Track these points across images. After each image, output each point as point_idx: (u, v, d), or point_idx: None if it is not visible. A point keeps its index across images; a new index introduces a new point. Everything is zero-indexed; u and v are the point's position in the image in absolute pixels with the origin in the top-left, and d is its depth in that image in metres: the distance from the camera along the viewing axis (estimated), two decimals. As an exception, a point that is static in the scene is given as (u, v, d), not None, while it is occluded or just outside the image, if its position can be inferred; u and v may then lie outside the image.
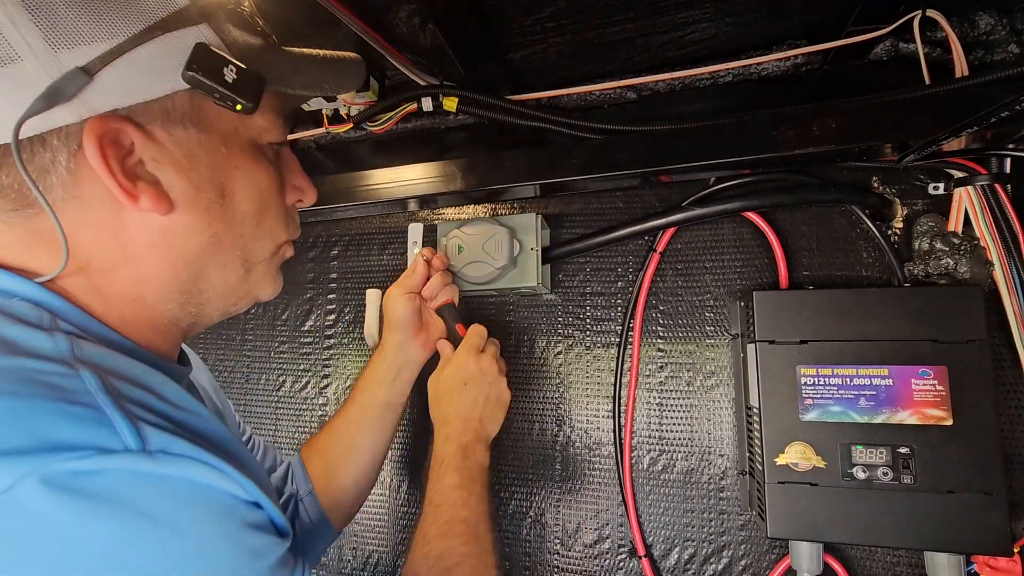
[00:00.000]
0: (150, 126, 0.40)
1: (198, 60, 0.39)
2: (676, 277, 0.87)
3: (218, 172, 0.45)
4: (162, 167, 0.41)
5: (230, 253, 0.47)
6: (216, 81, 0.40)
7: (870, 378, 0.69)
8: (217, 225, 0.45)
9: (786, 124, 0.70)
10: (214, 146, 0.44)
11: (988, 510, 0.64)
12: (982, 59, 0.70)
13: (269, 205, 0.49)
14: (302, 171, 0.55)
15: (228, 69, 0.40)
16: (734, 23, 0.72)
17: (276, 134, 0.49)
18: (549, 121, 0.82)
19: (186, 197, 0.43)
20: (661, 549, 0.83)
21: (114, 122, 0.39)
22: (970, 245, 0.71)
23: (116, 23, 0.38)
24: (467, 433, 0.71)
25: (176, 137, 0.42)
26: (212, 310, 0.50)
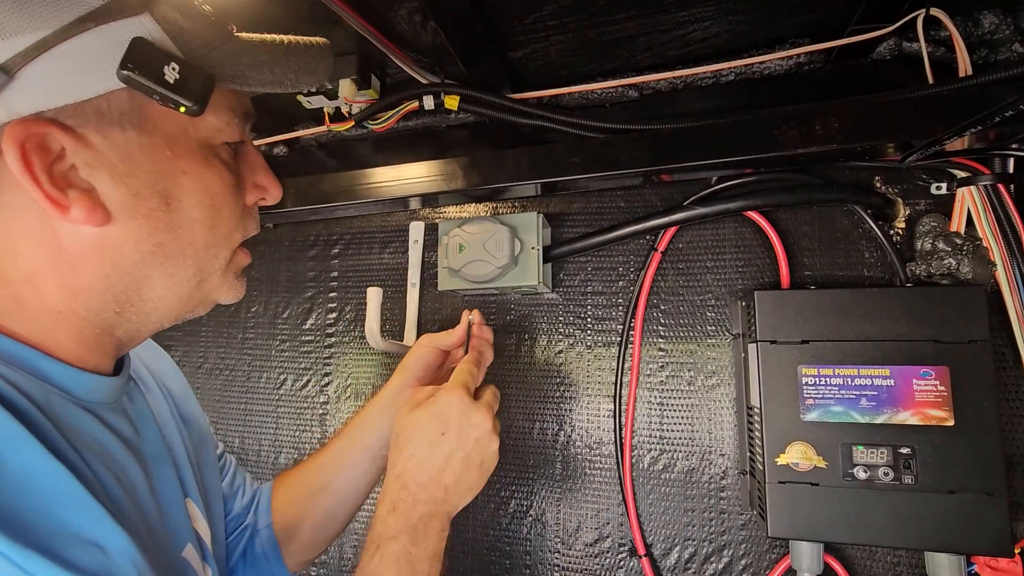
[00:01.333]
0: (82, 129, 0.37)
1: (135, 57, 0.35)
2: (677, 276, 0.87)
3: (162, 177, 0.40)
4: (97, 173, 0.38)
5: (178, 263, 0.43)
6: (155, 81, 0.36)
7: (871, 378, 0.68)
8: (160, 235, 0.41)
9: (788, 123, 0.70)
10: (157, 149, 0.40)
11: (989, 511, 0.64)
12: (986, 58, 0.70)
13: (222, 210, 0.45)
14: (266, 167, 0.51)
15: (170, 67, 0.36)
16: (737, 21, 0.72)
17: (232, 133, 0.45)
18: (550, 120, 0.82)
19: (124, 206, 0.39)
20: (661, 548, 0.83)
21: (39, 126, 0.35)
22: (972, 245, 0.71)
23: (40, 13, 0.33)
24: (423, 503, 0.54)
25: (113, 140, 0.38)
26: (160, 318, 0.46)
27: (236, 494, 0.71)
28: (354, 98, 0.84)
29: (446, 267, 0.85)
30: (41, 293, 0.40)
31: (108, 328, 0.44)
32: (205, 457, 0.63)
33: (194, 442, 0.61)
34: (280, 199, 0.52)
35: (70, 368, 0.42)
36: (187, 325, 1.12)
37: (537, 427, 0.91)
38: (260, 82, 0.44)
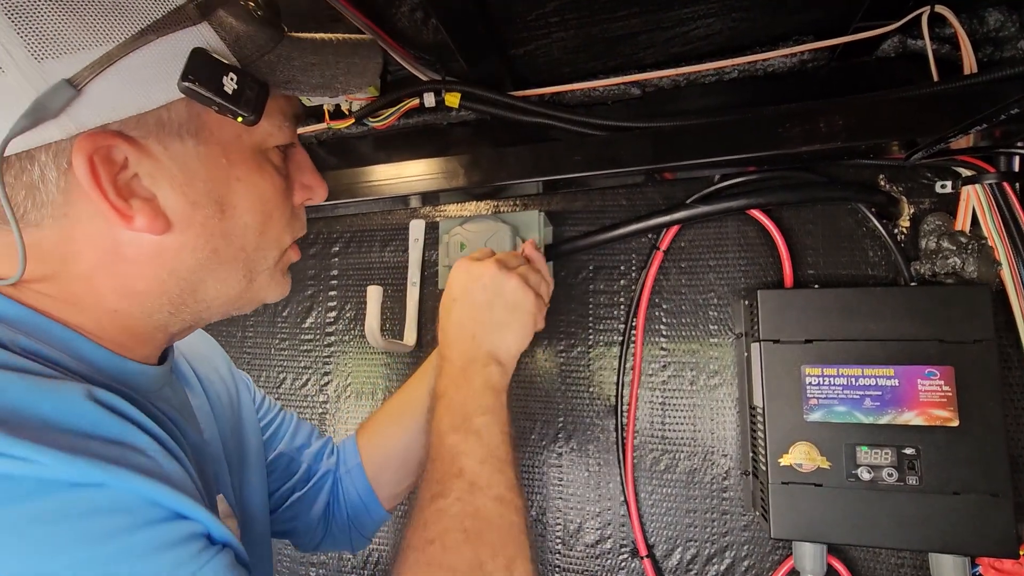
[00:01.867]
0: (144, 140, 0.38)
1: (195, 69, 0.36)
2: (680, 275, 0.86)
3: (217, 185, 0.41)
4: (158, 183, 0.39)
5: (230, 267, 0.44)
6: (215, 92, 0.36)
7: (875, 378, 0.68)
8: (216, 241, 0.42)
9: (792, 121, 0.70)
10: (214, 158, 0.41)
11: (994, 512, 0.63)
12: (991, 56, 0.70)
13: (272, 213, 0.46)
14: (313, 168, 0.52)
15: (228, 78, 0.37)
16: (740, 19, 0.71)
17: (283, 136, 0.46)
18: (552, 117, 0.81)
19: (183, 215, 0.40)
20: (663, 549, 0.83)
21: (105, 139, 0.36)
22: (977, 244, 0.70)
23: (105, 27, 0.35)
24: (457, 358, 0.59)
25: (172, 151, 0.39)
26: (210, 316, 0.48)
27: (301, 449, 0.73)
28: (354, 95, 0.83)
29: (447, 265, 0.84)
30: (97, 294, 0.41)
31: (162, 326, 0.45)
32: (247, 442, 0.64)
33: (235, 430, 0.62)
34: (326, 197, 0.53)
35: (114, 355, 0.43)
36: (186, 324, 1.11)
37: (538, 427, 0.90)
38: (311, 86, 0.45)
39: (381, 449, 0.74)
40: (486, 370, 0.58)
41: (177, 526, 0.34)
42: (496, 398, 0.57)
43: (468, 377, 0.57)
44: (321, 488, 0.72)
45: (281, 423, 0.74)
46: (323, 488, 0.72)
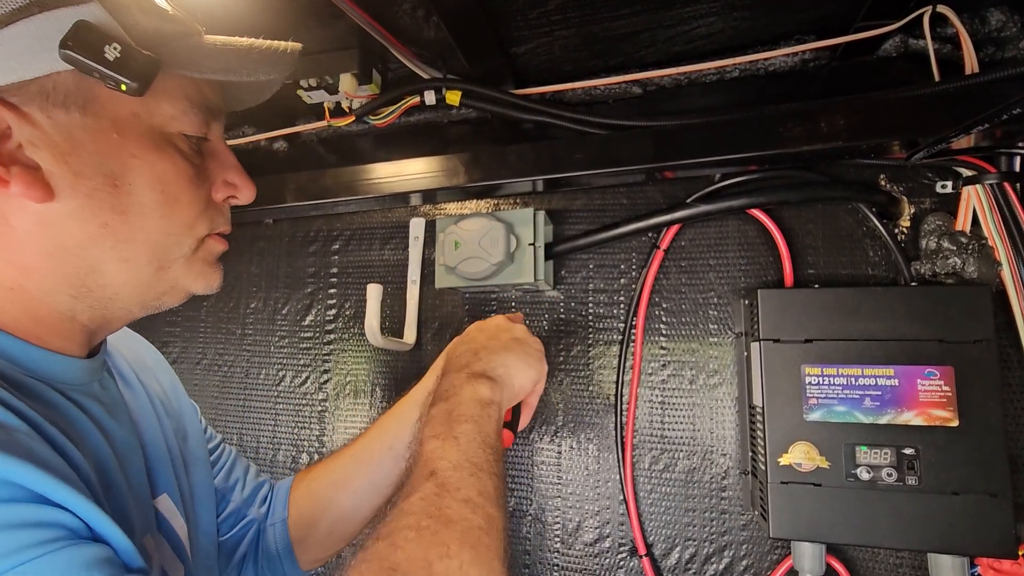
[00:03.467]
0: (26, 107, 0.38)
1: (75, 37, 0.36)
2: (680, 275, 0.86)
3: (108, 159, 0.41)
4: (40, 152, 0.39)
5: (131, 247, 0.44)
6: (95, 59, 0.37)
7: (875, 378, 0.68)
8: (106, 215, 0.42)
9: (793, 120, 0.70)
10: (103, 132, 0.41)
11: (993, 512, 0.63)
12: (992, 56, 0.70)
13: (179, 198, 0.45)
14: (237, 166, 0.51)
15: (111, 47, 0.37)
16: (741, 18, 0.71)
17: (189, 124, 0.46)
18: (553, 116, 0.81)
19: (65, 183, 0.40)
20: (662, 548, 0.83)
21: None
22: (978, 244, 0.70)
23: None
24: (465, 365, 0.60)
25: (56, 120, 0.39)
26: (125, 305, 0.47)
27: (233, 487, 0.70)
28: (355, 93, 0.83)
29: (443, 264, 0.84)
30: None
31: (68, 313, 0.45)
32: (192, 454, 0.62)
33: (179, 438, 0.61)
34: (253, 199, 0.52)
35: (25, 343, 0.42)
36: (186, 320, 1.11)
37: (537, 425, 0.90)
38: (211, 69, 0.44)
39: (313, 517, 0.70)
40: (476, 383, 0.58)
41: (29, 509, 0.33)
42: (482, 409, 0.55)
43: (458, 389, 0.57)
44: (243, 537, 0.69)
45: (219, 456, 0.72)
46: (245, 537, 0.69)
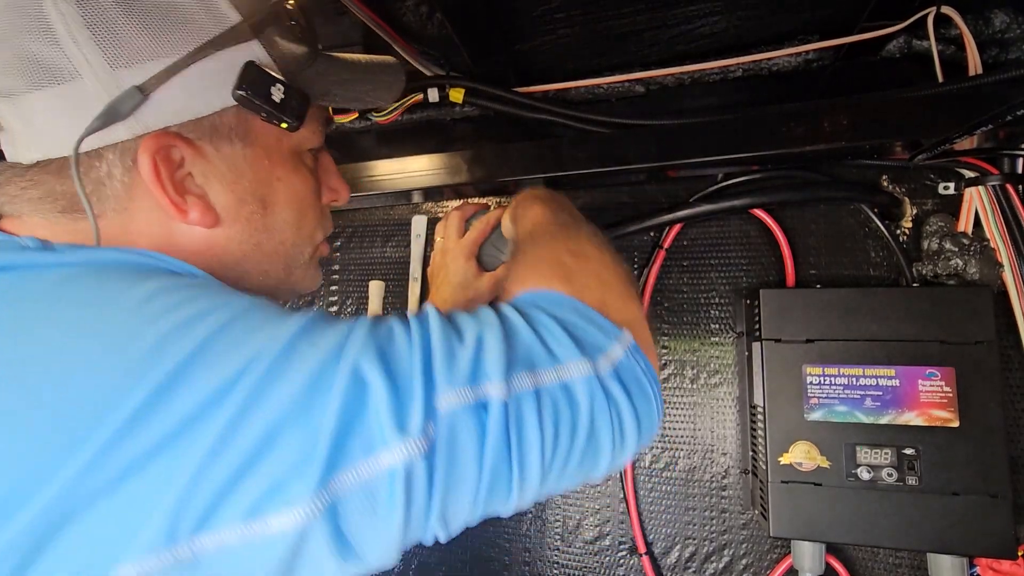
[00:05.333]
0: (200, 142, 0.42)
1: (247, 80, 0.41)
2: (681, 274, 0.86)
3: (261, 184, 0.46)
4: (209, 181, 0.43)
5: (271, 260, 0.48)
6: (264, 101, 0.41)
7: (876, 378, 0.68)
8: (258, 235, 0.46)
9: (796, 120, 0.70)
10: (258, 159, 0.45)
11: (993, 513, 0.64)
12: (996, 57, 0.70)
13: (307, 211, 0.50)
14: (337, 172, 0.57)
15: (276, 88, 0.42)
16: (745, 17, 0.71)
17: (316, 141, 0.51)
18: (556, 114, 0.81)
19: (230, 210, 0.44)
20: (662, 547, 0.83)
21: (166, 139, 0.40)
22: (980, 246, 0.70)
23: (172, 41, 0.39)
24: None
25: (223, 152, 0.43)
26: None
27: None
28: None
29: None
30: None
31: None
32: None
33: None
34: (349, 199, 0.58)
35: None
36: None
37: (538, 423, 0.90)
38: (344, 99, 0.51)
39: None
40: (535, 211, 0.61)
41: None
42: (550, 214, 0.60)
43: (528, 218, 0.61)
44: None
45: None
46: None
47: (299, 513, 0.28)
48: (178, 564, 0.28)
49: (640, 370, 0.40)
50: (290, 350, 0.32)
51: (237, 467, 0.28)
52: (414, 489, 0.31)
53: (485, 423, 0.33)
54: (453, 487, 0.32)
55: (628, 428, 0.38)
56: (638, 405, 0.39)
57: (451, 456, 0.32)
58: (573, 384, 0.36)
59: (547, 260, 0.48)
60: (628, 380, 0.39)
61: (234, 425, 0.29)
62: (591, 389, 0.37)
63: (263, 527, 0.28)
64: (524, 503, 0.36)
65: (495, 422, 0.33)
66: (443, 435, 0.32)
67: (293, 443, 0.30)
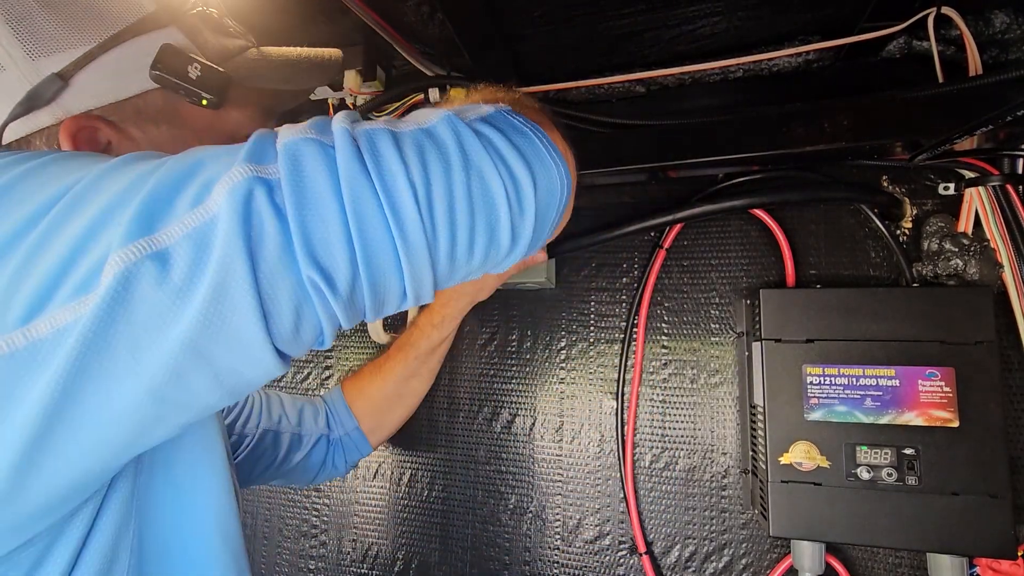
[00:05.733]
0: (124, 124, 0.43)
1: (163, 59, 0.42)
2: (682, 274, 0.86)
3: None
4: None
5: None
6: (180, 78, 0.43)
7: (876, 378, 0.68)
8: None
9: (796, 121, 0.70)
10: (187, 142, 0.46)
11: (993, 513, 0.64)
12: (996, 58, 0.70)
13: None
14: None
15: (192, 67, 0.43)
16: (746, 17, 0.71)
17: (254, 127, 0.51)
18: (556, 114, 0.81)
19: None
20: (662, 546, 0.83)
21: (88, 121, 0.41)
22: (980, 246, 0.70)
23: (88, 30, 0.41)
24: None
25: (149, 134, 0.44)
26: None
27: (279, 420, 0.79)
28: (359, 90, 0.83)
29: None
30: None
31: None
32: None
33: None
34: None
35: None
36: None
37: (539, 423, 0.90)
38: (273, 80, 0.51)
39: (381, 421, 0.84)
40: None
41: None
42: None
43: None
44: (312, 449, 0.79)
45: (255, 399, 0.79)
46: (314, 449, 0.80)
47: (120, 258, 0.27)
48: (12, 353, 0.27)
49: (518, 120, 0.39)
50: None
51: (67, 253, 0.28)
52: (255, 210, 0.29)
53: (331, 152, 0.32)
54: (310, 216, 0.30)
55: (518, 170, 0.36)
56: (519, 144, 0.37)
57: (297, 180, 0.31)
58: (432, 125, 0.36)
59: None
60: (500, 123, 0.38)
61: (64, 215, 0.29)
62: (453, 127, 0.36)
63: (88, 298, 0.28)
64: (426, 258, 0.34)
65: (341, 145, 0.32)
66: (285, 164, 0.31)
67: (120, 219, 0.29)
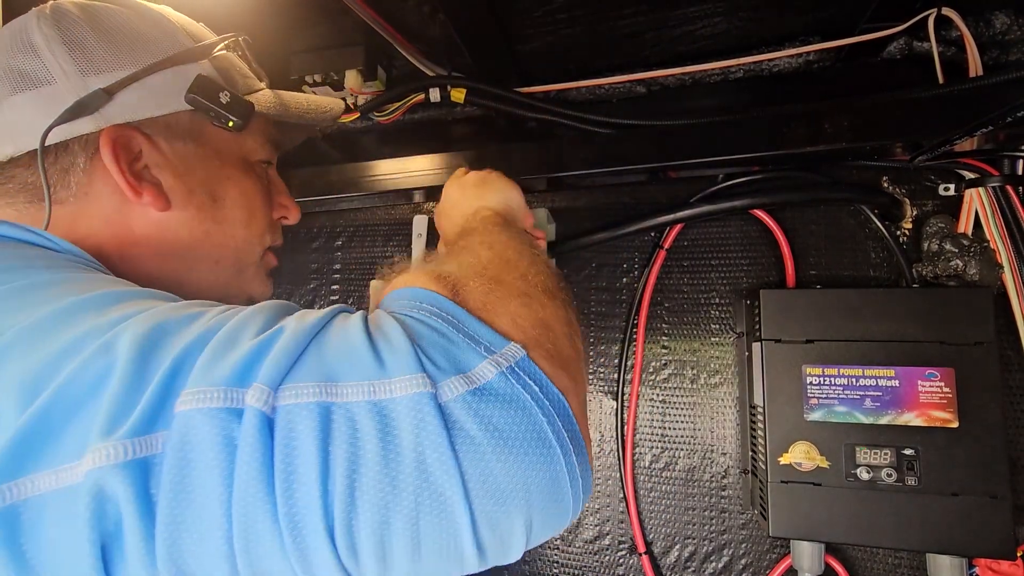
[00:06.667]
0: (156, 138, 0.48)
1: (198, 85, 0.48)
2: (682, 274, 0.86)
3: (211, 180, 0.52)
4: (163, 172, 0.49)
5: (221, 251, 0.53)
6: (212, 102, 0.48)
7: (876, 379, 0.68)
8: (208, 225, 0.52)
9: (797, 121, 0.70)
10: (208, 158, 0.52)
11: (992, 513, 0.64)
12: (997, 59, 0.70)
13: (255, 212, 0.56)
14: (287, 192, 0.62)
15: (223, 94, 0.49)
16: (746, 18, 0.71)
17: (264, 154, 0.57)
18: (557, 114, 0.81)
19: (181, 197, 0.49)
20: (661, 546, 0.83)
21: (126, 131, 0.46)
22: (980, 247, 0.70)
23: (134, 57, 0.47)
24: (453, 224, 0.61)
25: (176, 148, 0.49)
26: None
27: None
28: (360, 89, 0.83)
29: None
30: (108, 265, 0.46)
31: None
32: None
33: None
34: (299, 220, 0.63)
35: None
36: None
37: (538, 423, 0.90)
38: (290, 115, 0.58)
39: None
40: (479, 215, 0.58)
41: None
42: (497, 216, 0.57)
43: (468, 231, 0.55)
44: None
45: None
46: None
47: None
48: None
49: (528, 396, 0.30)
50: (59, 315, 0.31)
51: None
52: (108, 504, 0.25)
53: (235, 435, 0.26)
54: (185, 514, 0.25)
55: (498, 481, 0.28)
56: (514, 447, 0.28)
57: (180, 469, 0.25)
58: (391, 405, 0.28)
59: (448, 259, 0.44)
60: (496, 407, 0.29)
61: None
62: (420, 412, 0.27)
63: None
64: (328, 565, 0.26)
65: (248, 433, 0.26)
66: (172, 442, 0.26)
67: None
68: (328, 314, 0.33)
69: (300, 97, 0.61)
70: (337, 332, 0.31)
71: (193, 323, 0.31)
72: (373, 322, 0.32)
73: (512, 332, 0.33)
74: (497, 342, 0.31)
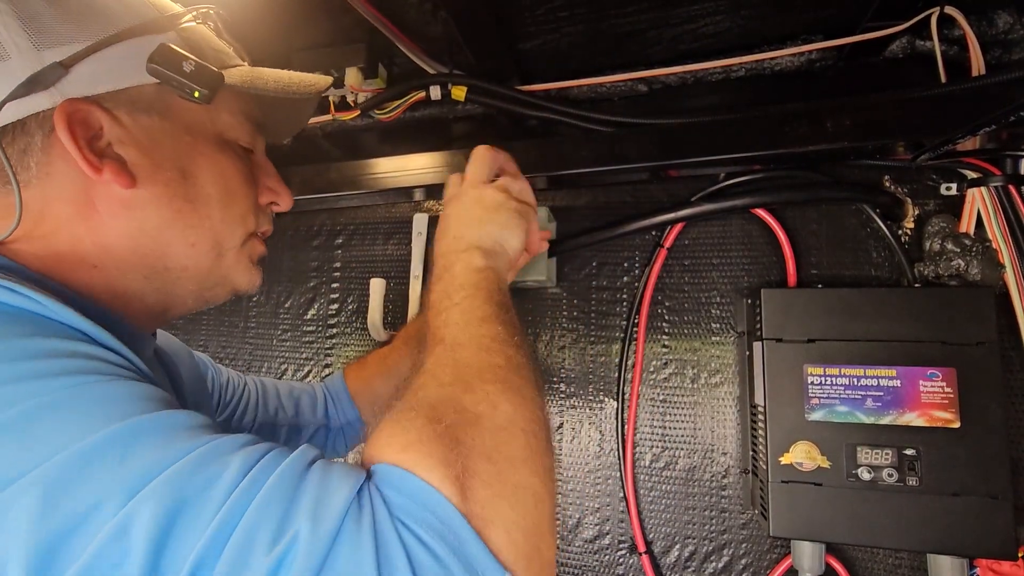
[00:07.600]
0: (117, 112, 0.46)
1: (160, 54, 0.45)
2: (683, 273, 0.86)
3: (181, 155, 0.49)
4: (126, 147, 0.46)
5: (197, 232, 0.50)
6: (174, 71, 0.45)
7: (877, 379, 0.68)
8: (179, 202, 0.49)
9: (799, 120, 0.70)
10: (177, 133, 0.49)
11: (993, 514, 0.64)
12: (999, 58, 0.70)
13: (236, 194, 0.52)
14: (278, 177, 0.59)
15: (187, 63, 0.46)
16: (748, 17, 0.71)
17: (243, 135, 0.54)
18: (558, 112, 0.81)
19: (146, 173, 0.47)
20: (661, 546, 0.83)
21: (83, 105, 0.44)
22: (982, 247, 0.70)
23: (90, 27, 0.44)
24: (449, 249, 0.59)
25: (141, 123, 0.47)
26: (184, 291, 0.52)
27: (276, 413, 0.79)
28: (361, 87, 0.83)
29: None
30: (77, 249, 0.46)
31: (139, 293, 0.50)
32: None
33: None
34: (291, 207, 0.59)
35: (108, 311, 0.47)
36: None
37: (538, 422, 0.90)
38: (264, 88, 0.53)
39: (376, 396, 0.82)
40: (467, 255, 0.57)
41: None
42: (479, 275, 0.55)
43: (450, 267, 0.57)
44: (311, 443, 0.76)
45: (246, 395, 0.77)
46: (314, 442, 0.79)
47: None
48: None
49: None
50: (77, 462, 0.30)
51: None
52: None
53: None
54: None
55: None
56: None
57: None
58: None
59: (444, 419, 0.39)
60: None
61: None
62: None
63: None
64: None
65: None
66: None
67: None
68: (341, 513, 0.32)
69: (281, 72, 0.56)
70: (348, 557, 0.31)
71: (209, 499, 0.31)
72: (382, 536, 0.32)
73: (505, 550, 0.34)
74: (491, 570, 0.33)
